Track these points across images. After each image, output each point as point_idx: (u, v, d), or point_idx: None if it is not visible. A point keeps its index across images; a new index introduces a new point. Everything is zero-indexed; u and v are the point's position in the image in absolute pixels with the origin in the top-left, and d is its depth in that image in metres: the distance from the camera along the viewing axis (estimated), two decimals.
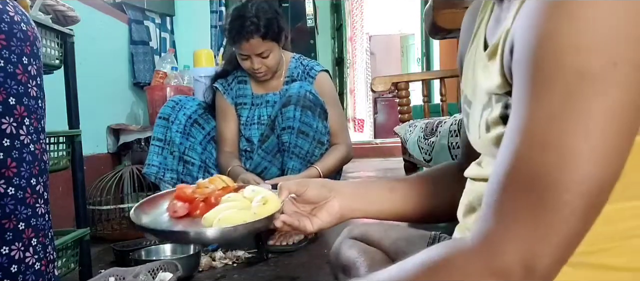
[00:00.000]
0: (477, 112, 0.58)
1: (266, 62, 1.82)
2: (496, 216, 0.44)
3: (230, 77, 1.98)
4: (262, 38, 1.76)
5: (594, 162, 0.40)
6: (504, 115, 0.51)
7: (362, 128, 7.43)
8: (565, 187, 0.40)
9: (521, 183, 0.43)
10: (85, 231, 1.48)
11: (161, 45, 3.02)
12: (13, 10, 0.81)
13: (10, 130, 0.78)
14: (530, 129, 0.42)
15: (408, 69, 8.95)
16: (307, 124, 1.74)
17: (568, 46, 0.40)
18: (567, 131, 0.40)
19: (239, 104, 1.96)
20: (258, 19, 1.74)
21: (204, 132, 1.96)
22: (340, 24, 6.78)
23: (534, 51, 0.43)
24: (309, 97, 1.74)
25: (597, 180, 0.41)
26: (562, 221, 0.41)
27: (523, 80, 0.44)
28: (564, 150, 0.40)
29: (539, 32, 0.42)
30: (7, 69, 0.78)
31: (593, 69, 0.40)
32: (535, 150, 0.42)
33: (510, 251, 0.42)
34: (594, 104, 0.40)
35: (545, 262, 0.42)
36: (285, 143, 1.76)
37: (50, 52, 1.39)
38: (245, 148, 1.94)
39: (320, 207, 0.75)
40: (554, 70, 0.41)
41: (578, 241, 0.43)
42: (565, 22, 0.41)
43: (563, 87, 0.41)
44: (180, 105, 1.92)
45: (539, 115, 0.42)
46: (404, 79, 1.99)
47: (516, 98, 0.45)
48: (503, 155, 0.45)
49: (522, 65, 0.44)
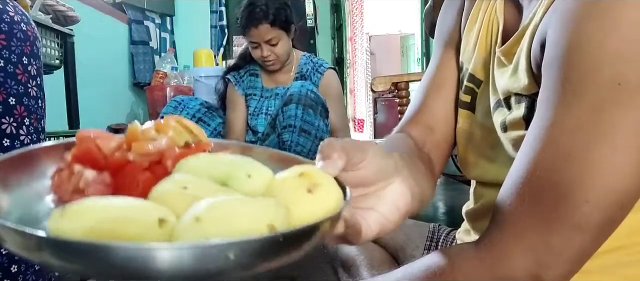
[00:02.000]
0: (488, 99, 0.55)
1: (275, 50, 1.87)
2: (507, 223, 0.42)
3: (243, 70, 2.03)
4: (271, 25, 1.81)
5: (618, 176, 0.38)
6: (527, 118, 0.48)
7: (362, 128, 7.42)
8: (586, 198, 0.38)
9: (538, 191, 0.40)
10: None
11: (161, 45, 3.02)
12: (13, 10, 0.81)
13: (10, 130, 0.78)
14: (556, 136, 0.40)
15: (408, 69, 8.94)
16: (308, 123, 1.75)
17: (607, 53, 0.37)
18: (596, 141, 0.38)
19: (248, 95, 2.00)
20: (267, 6, 1.81)
21: (210, 129, 1.98)
22: (340, 24, 6.77)
23: (568, 54, 0.40)
24: (310, 96, 1.75)
25: (619, 195, 0.39)
26: (576, 234, 0.39)
27: (553, 84, 0.41)
28: (589, 161, 0.38)
29: (575, 35, 0.39)
30: (7, 69, 0.78)
31: (631, 79, 0.37)
32: (559, 159, 0.39)
33: (518, 260, 0.40)
34: (626, 117, 0.37)
35: (554, 274, 0.40)
36: (286, 142, 1.76)
37: (50, 52, 1.39)
38: (250, 139, 1.97)
39: (380, 194, 0.41)
40: (589, 77, 0.38)
41: (589, 256, 0.41)
42: (606, 26, 0.38)
43: (595, 97, 0.38)
44: (182, 106, 1.94)
45: (567, 123, 0.39)
46: (404, 79, 1.99)
47: (543, 102, 0.42)
48: (522, 161, 0.42)
49: (553, 67, 0.41)
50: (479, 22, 0.61)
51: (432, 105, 0.67)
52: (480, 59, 0.60)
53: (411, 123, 0.66)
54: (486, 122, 0.59)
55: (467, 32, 0.63)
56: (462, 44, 0.64)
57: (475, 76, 0.61)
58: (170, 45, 3.12)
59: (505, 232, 0.42)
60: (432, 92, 0.68)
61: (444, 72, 0.67)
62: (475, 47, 0.61)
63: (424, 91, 0.68)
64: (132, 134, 0.36)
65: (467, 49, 0.63)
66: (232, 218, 0.27)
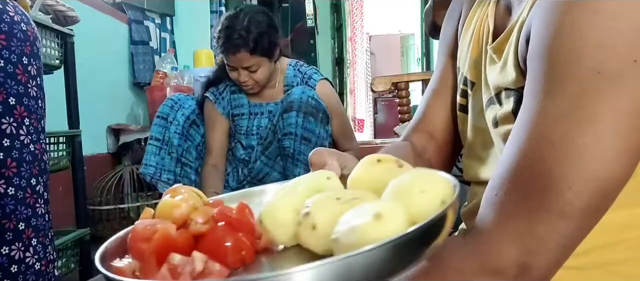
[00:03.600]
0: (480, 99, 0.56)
1: (254, 77, 1.76)
2: (494, 213, 0.43)
3: (222, 86, 1.91)
4: (250, 53, 1.68)
5: (602, 163, 0.39)
6: (516, 111, 0.49)
7: (362, 128, 7.42)
8: (569, 185, 0.39)
9: (524, 180, 0.41)
10: (85, 231, 1.48)
11: (161, 45, 3.02)
12: (13, 10, 0.81)
13: (10, 130, 0.78)
14: (540, 125, 0.41)
15: (408, 69, 8.95)
16: (309, 130, 1.73)
17: (587, 43, 0.38)
18: (578, 129, 0.39)
19: (236, 115, 1.91)
20: (248, 32, 1.66)
21: (202, 132, 1.95)
22: (340, 24, 6.78)
23: (550, 45, 0.41)
24: (311, 103, 1.72)
25: (603, 181, 0.39)
26: (560, 221, 0.40)
27: (537, 75, 0.42)
28: (572, 148, 0.39)
29: (557, 26, 0.40)
30: (7, 69, 0.78)
31: (611, 66, 0.38)
32: (542, 146, 0.40)
33: (506, 249, 0.41)
34: (608, 103, 0.38)
35: (542, 262, 0.40)
36: (287, 149, 1.74)
37: (50, 52, 1.39)
38: (243, 157, 1.91)
39: None
40: (571, 66, 0.39)
41: (576, 244, 0.41)
42: (586, 17, 0.39)
43: (578, 85, 0.39)
44: (178, 105, 1.91)
45: (550, 112, 0.40)
46: (404, 79, 2.00)
47: (528, 92, 0.43)
48: (508, 150, 0.43)
49: (537, 58, 0.42)
50: (473, 27, 0.62)
51: (433, 112, 0.70)
52: (472, 61, 0.61)
53: (413, 131, 0.71)
54: (478, 123, 0.60)
55: (463, 37, 0.64)
56: (458, 49, 0.66)
57: (468, 78, 0.62)
58: (170, 45, 3.12)
59: (492, 222, 0.43)
60: (432, 99, 0.71)
61: (445, 79, 0.69)
62: (469, 50, 0.62)
63: (426, 100, 0.72)
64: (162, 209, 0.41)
65: (462, 53, 0.64)
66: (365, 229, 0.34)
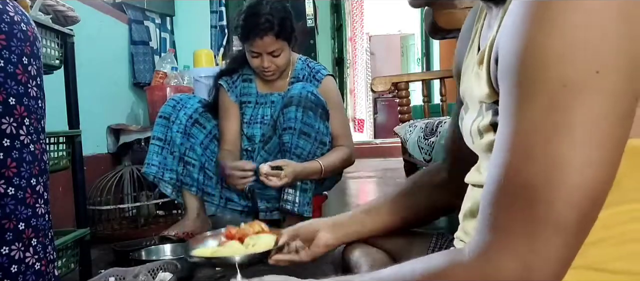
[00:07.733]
0: (470, 119, 0.58)
1: (276, 61, 1.83)
2: (491, 230, 0.44)
3: (235, 75, 1.97)
4: (276, 36, 1.77)
5: (581, 172, 0.39)
6: (494, 123, 0.51)
7: (362, 129, 7.42)
8: (555, 198, 0.40)
9: (512, 195, 0.42)
10: (85, 231, 1.48)
11: (161, 45, 3.02)
12: (13, 10, 0.81)
13: (10, 130, 0.78)
14: (516, 141, 0.42)
15: (408, 69, 8.95)
16: (308, 125, 1.74)
17: (550, 56, 0.39)
18: (552, 142, 0.40)
19: (243, 102, 1.96)
20: (273, 16, 1.76)
21: (206, 131, 1.95)
22: (340, 24, 6.78)
23: (516, 61, 0.42)
24: (311, 98, 1.74)
25: (587, 190, 0.40)
26: (555, 234, 0.40)
27: (508, 91, 0.43)
28: (550, 161, 0.40)
29: (521, 42, 0.41)
30: (7, 69, 0.78)
31: (575, 78, 0.39)
32: (522, 162, 0.41)
33: (507, 265, 0.42)
34: (578, 114, 0.39)
35: (543, 276, 0.41)
36: (286, 144, 1.76)
37: (50, 52, 1.39)
38: (247, 147, 1.94)
39: (311, 241, 0.86)
40: (537, 80, 0.40)
41: (574, 253, 0.42)
42: (546, 31, 0.39)
43: (546, 98, 0.40)
44: (181, 104, 1.92)
45: (524, 127, 0.41)
46: (404, 79, 1.99)
47: (502, 109, 0.44)
48: (493, 166, 0.44)
49: (506, 75, 0.44)
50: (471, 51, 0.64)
51: (455, 136, 0.73)
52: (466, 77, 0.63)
53: (447, 154, 0.81)
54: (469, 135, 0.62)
55: (465, 58, 0.67)
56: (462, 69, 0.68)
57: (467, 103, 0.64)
58: (170, 45, 3.12)
59: (491, 238, 0.43)
60: (453, 123, 0.76)
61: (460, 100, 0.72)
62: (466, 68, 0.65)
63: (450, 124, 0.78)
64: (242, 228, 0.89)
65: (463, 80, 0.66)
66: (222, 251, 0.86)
